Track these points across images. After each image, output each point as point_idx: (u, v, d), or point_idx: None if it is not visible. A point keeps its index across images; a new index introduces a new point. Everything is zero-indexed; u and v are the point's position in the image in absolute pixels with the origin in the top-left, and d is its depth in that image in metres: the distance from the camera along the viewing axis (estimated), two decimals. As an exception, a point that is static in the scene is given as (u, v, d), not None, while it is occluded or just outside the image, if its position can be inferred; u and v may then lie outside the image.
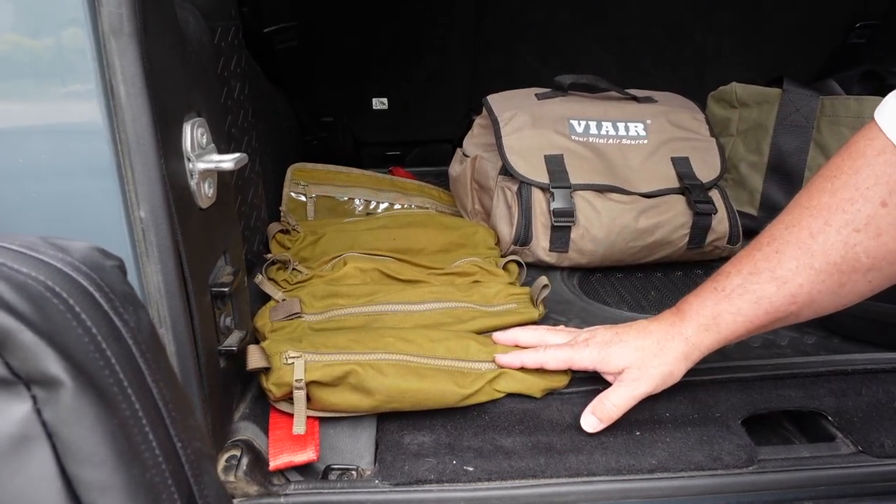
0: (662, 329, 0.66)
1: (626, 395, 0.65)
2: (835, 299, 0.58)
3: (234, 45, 0.87)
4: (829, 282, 0.56)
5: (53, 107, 0.50)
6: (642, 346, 0.66)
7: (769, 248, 0.59)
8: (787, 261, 0.57)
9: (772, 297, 0.58)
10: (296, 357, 0.66)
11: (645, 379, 0.65)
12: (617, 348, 0.67)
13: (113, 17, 0.47)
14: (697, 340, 0.64)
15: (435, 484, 0.62)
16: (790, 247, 0.57)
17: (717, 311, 0.62)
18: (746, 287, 0.60)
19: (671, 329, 0.65)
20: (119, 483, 0.30)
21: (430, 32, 1.50)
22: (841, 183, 0.55)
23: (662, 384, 0.66)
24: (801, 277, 0.57)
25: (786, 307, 0.58)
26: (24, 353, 0.28)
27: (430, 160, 1.63)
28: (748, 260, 0.61)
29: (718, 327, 0.62)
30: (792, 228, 0.58)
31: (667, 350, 0.64)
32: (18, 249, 0.31)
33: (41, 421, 0.29)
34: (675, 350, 0.64)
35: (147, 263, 0.53)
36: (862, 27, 1.53)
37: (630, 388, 0.66)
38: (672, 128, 1.11)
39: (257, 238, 0.97)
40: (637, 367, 0.65)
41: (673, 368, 0.65)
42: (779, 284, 0.58)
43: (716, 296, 0.62)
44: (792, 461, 0.66)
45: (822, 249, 0.55)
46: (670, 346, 0.64)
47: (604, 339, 0.69)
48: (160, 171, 0.51)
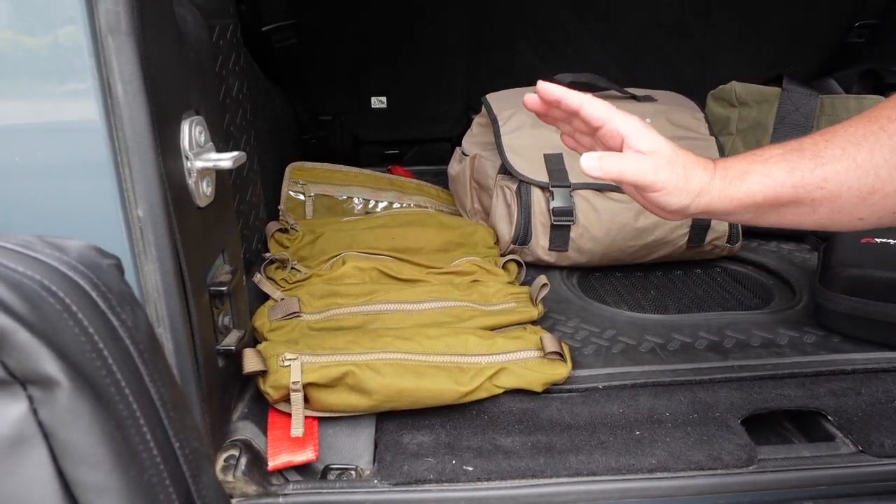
0: (696, 160, 0.63)
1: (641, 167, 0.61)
2: (857, 206, 0.58)
3: (233, 43, 0.86)
4: (864, 180, 0.57)
5: (51, 105, 0.50)
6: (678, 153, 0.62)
7: (820, 136, 0.60)
8: (833, 147, 0.58)
9: (805, 171, 0.58)
10: (292, 359, 0.66)
11: (664, 172, 0.61)
12: (657, 136, 0.64)
13: (110, 15, 0.47)
14: (716, 185, 0.61)
15: (434, 484, 0.62)
16: (840, 138, 0.58)
17: (748, 168, 0.61)
18: (785, 157, 0.60)
19: (704, 164, 0.63)
20: (116, 484, 0.30)
21: (429, 31, 1.50)
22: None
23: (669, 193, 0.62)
24: (840, 164, 0.57)
25: (813, 187, 0.58)
26: (20, 352, 0.28)
27: (429, 159, 1.62)
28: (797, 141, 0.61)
29: (742, 182, 0.60)
30: (847, 127, 0.58)
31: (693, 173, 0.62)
32: (15, 248, 0.30)
33: (37, 421, 0.28)
34: (699, 178, 0.62)
35: (145, 262, 0.52)
36: (861, 26, 1.53)
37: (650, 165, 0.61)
38: (672, 126, 1.11)
39: (256, 237, 0.96)
40: (667, 160, 0.62)
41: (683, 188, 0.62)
42: (817, 163, 0.58)
43: (752, 157, 0.61)
44: (792, 461, 0.66)
45: (870, 147, 0.56)
46: (697, 172, 0.62)
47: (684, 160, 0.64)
48: (158, 170, 0.50)
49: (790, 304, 0.95)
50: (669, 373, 0.77)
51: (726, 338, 0.85)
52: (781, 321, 0.90)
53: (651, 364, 0.79)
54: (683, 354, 0.81)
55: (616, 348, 0.83)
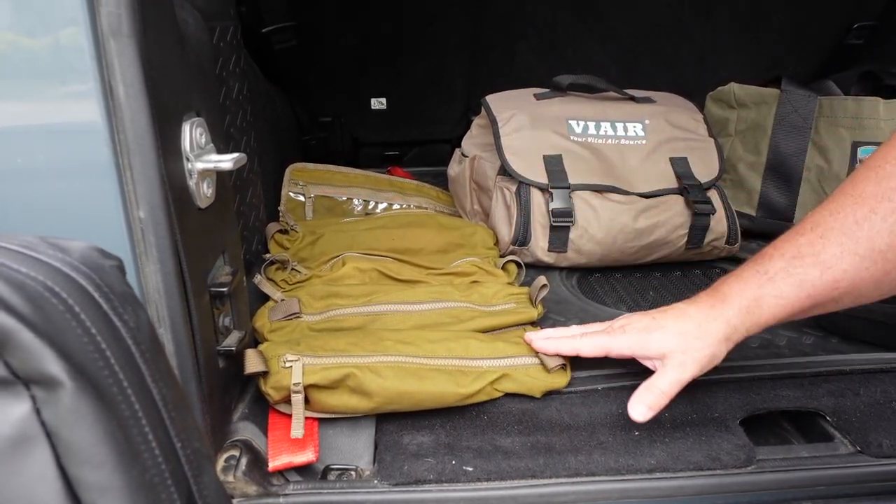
0: (703, 312, 0.64)
1: (673, 380, 0.64)
2: (877, 287, 0.58)
3: (233, 44, 0.87)
4: (873, 269, 0.56)
5: (52, 107, 0.50)
6: (684, 331, 0.64)
7: (812, 233, 0.59)
8: (832, 246, 0.57)
9: (815, 281, 0.58)
10: (293, 360, 0.66)
11: (690, 363, 0.63)
12: (657, 334, 0.65)
13: (112, 17, 0.47)
14: (738, 323, 0.62)
15: (434, 484, 0.62)
16: (834, 233, 0.57)
17: (760, 294, 0.61)
18: (790, 271, 0.60)
19: (712, 311, 0.64)
20: (119, 484, 0.30)
21: (429, 32, 1.50)
22: (885, 172, 0.55)
23: (707, 366, 0.64)
24: (845, 263, 0.57)
25: (828, 292, 0.58)
26: (23, 353, 0.28)
27: (429, 160, 1.62)
28: (791, 244, 0.61)
29: (760, 310, 0.61)
30: (836, 215, 0.58)
31: (709, 333, 0.63)
32: (17, 249, 0.31)
33: (40, 421, 0.29)
34: (717, 332, 0.63)
35: (146, 263, 0.52)
36: (859, 28, 1.54)
37: (677, 372, 0.64)
38: (671, 128, 1.11)
39: (256, 238, 0.97)
40: (681, 351, 0.64)
41: (715, 350, 0.63)
42: (822, 269, 0.58)
43: (759, 279, 0.62)
44: (790, 461, 0.66)
45: (868, 236, 0.55)
46: (712, 328, 0.63)
47: (642, 325, 0.67)
48: (159, 171, 0.51)
49: (789, 305, 0.95)
50: (668, 373, 0.77)
51: (725, 338, 0.85)
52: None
53: (650, 365, 0.79)
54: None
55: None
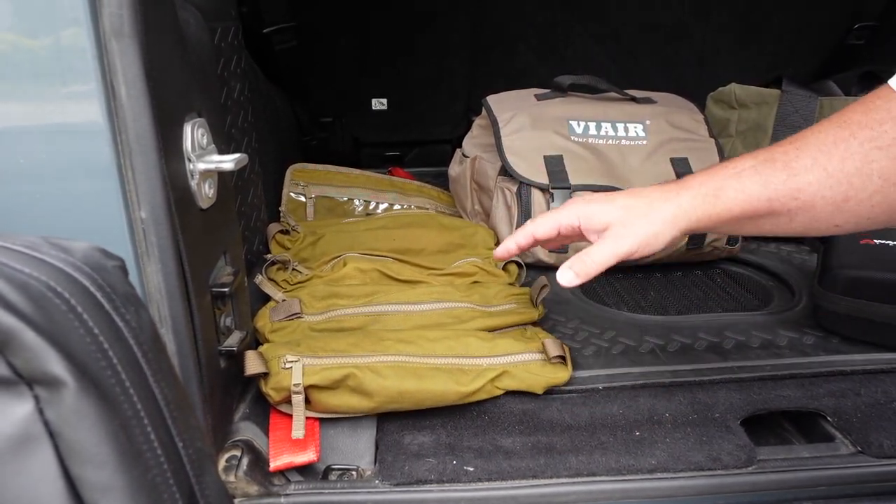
0: (657, 193, 0.64)
1: (607, 251, 0.63)
2: (834, 213, 0.58)
3: (234, 45, 0.87)
4: (836, 189, 0.56)
5: (54, 107, 0.50)
6: (630, 205, 0.64)
7: (790, 145, 0.60)
8: (804, 158, 0.58)
9: (778, 184, 0.59)
10: (294, 361, 0.66)
11: (628, 236, 0.63)
12: (603, 204, 0.65)
13: (114, 17, 0.47)
14: (690, 207, 0.62)
15: (435, 484, 0.62)
16: (811, 147, 0.58)
17: (722, 185, 0.61)
18: (758, 169, 0.60)
19: (666, 194, 0.63)
20: (121, 483, 0.30)
21: (430, 33, 1.50)
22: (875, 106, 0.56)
23: (646, 244, 0.63)
24: (811, 175, 0.57)
25: (787, 199, 0.59)
26: (26, 353, 0.28)
27: (430, 160, 1.63)
28: (767, 151, 0.61)
29: (717, 199, 0.61)
30: (818, 134, 0.58)
31: (655, 210, 0.63)
32: (20, 249, 0.31)
33: (43, 421, 0.29)
34: (664, 212, 0.62)
35: (148, 263, 0.53)
36: (860, 28, 1.54)
37: (612, 244, 0.63)
38: (671, 128, 1.11)
39: (257, 238, 0.97)
40: (621, 223, 0.63)
41: (658, 230, 0.62)
42: (789, 174, 0.58)
43: (725, 172, 0.62)
44: (791, 461, 0.66)
45: (841, 156, 0.56)
46: (660, 207, 0.63)
47: (592, 197, 0.68)
48: (161, 172, 0.51)
49: (789, 306, 0.95)
50: (669, 374, 0.77)
51: (726, 339, 0.85)
52: (781, 322, 0.90)
53: (651, 365, 0.79)
54: (683, 355, 0.82)
55: (616, 349, 0.83)
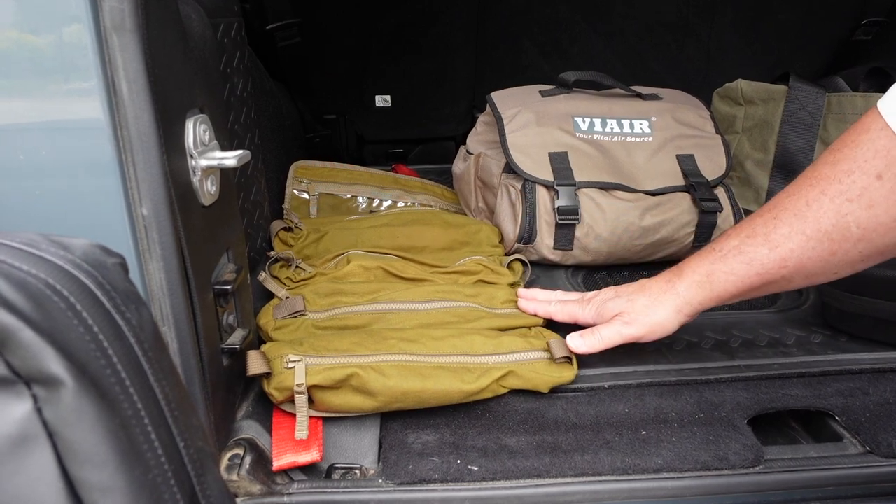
0: (658, 285, 0.72)
1: (615, 330, 0.72)
2: (826, 267, 0.60)
3: (237, 41, 0.86)
4: (819, 248, 0.58)
5: (55, 104, 0.49)
6: (635, 299, 0.72)
7: (769, 214, 0.63)
8: (782, 226, 0.61)
9: (763, 259, 0.62)
10: (296, 361, 0.66)
11: (636, 323, 0.71)
12: (613, 302, 0.74)
13: (115, 12, 0.47)
14: (689, 296, 0.68)
15: (439, 483, 0.62)
16: (787, 213, 0.61)
17: (712, 270, 0.66)
18: (741, 249, 0.64)
19: (666, 285, 0.70)
20: (121, 484, 0.29)
21: (433, 29, 1.50)
22: (842, 155, 0.57)
23: (651, 332, 0.71)
24: (792, 242, 0.60)
25: (776, 270, 0.62)
26: (24, 351, 0.27)
27: (434, 157, 1.62)
28: (748, 225, 0.65)
29: (711, 284, 0.66)
30: (791, 197, 0.61)
31: (660, 302, 0.70)
32: (19, 247, 0.30)
33: (42, 421, 0.28)
34: (668, 303, 0.69)
35: (149, 261, 0.52)
36: (868, 24, 1.52)
37: (619, 326, 0.72)
38: (677, 125, 1.11)
39: (260, 235, 0.96)
40: (628, 313, 0.72)
41: (663, 319, 0.70)
42: (771, 247, 0.61)
43: (712, 256, 0.67)
44: (799, 461, 0.66)
45: (815, 216, 0.58)
46: (663, 299, 0.70)
47: (605, 296, 0.76)
48: (163, 168, 0.50)
49: (797, 304, 0.95)
50: (675, 372, 0.76)
51: (732, 337, 0.85)
52: (788, 321, 0.89)
53: (657, 363, 0.78)
54: (689, 354, 0.81)
55: (621, 348, 0.82)
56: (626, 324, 0.72)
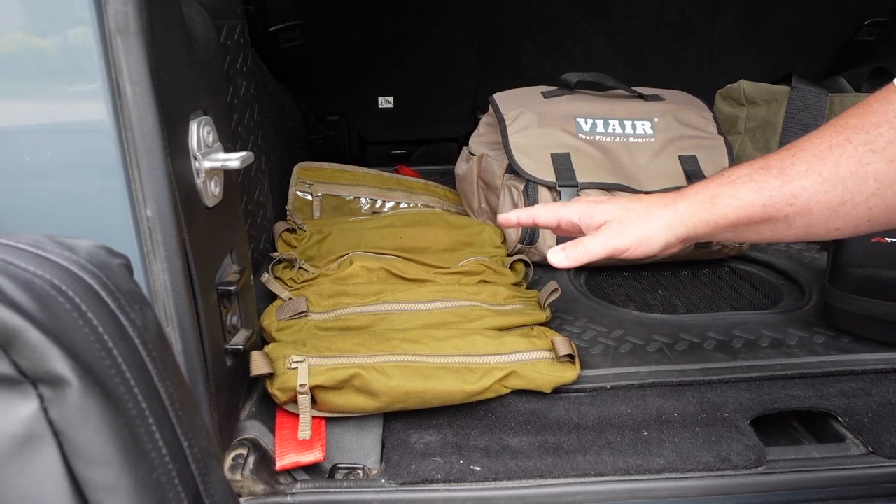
0: (656, 200, 0.67)
1: (600, 242, 0.66)
2: (831, 217, 0.58)
3: (240, 43, 0.87)
4: (832, 194, 0.57)
5: (60, 106, 0.50)
6: (629, 207, 0.67)
7: (786, 152, 0.60)
8: (800, 163, 0.59)
9: (773, 190, 0.59)
10: (299, 362, 0.66)
11: (623, 234, 0.66)
12: (604, 205, 0.68)
13: (119, 15, 0.47)
14: (687, 213, 0.64)
15: (442, 483, 0.62)
16: (806, 153, 0.59)
17: (717, 192, 0.63)
18: (752, 177, 0.61)
19: (664, 200, 0.66)
20: (126, 483, 0.30)
21: (436, 31, 1.50)
22: (871, 109, 0.56)
23: (639, 245, 0.66)
24: (806, 180, 0.58)
25: (783, 205, 0.59)
26: (30, 352, 0.28)
27: (436, 159, 1.62)
28: (764, 159, 0.62)
29: (713, 206, 0.63)
30: (813, 140, 0.59)
31: (653, 216, 0.65)
32: (25, 248, 0.31)
33: (48, 420, 0.28)
34: (661, 217, 0.65)
35: (153, 262, 0.52)
36: (871, 24, 1.52)
37: (606, 236, 0.66)
38: (679, 126, 1.11)
39: (263, 237, 0.97)
40: (617, 221, 0.66)
41: (653, 232, 0.65)
42: (784, 180, 0.59)
43: (721, 180, 0.64)
44: (801, 462, 0.66)
45: (835, 160, 0.56)
46: (657, 213, 0.65)
47: (596, 198, 0.71)
48: (167, 170, 0.51)
49: (799, 304, 0.95)
50: (677, 373, 0.76)
51: (735, 338, 0.85)
52: (791, 321, 0.89)
53: (659, 364, 0.78)
54: (692, 354, 0.81)
55: (624, 348, 0.82)
56: (614, 234, 0.66)
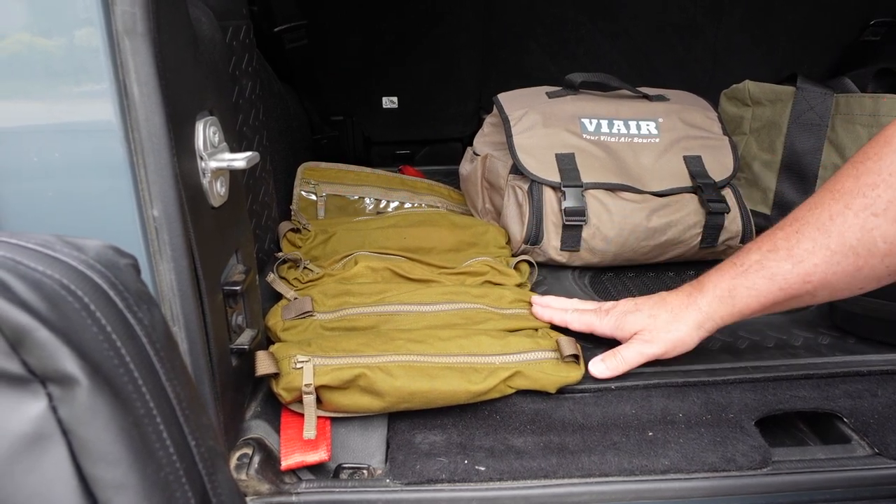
0: (679, 300, 0.70)
1: (635, 350, 0.71)
2: (852, 282, 0.59)
3: (246, 43, 0.87)
4: (845, 263, 0.57)
5: (67, 106, 0.50)
6: (657, 314, 0.71)
7: (790, 228, 0.61)
8: (805, 241, 0.59)
9: (786, 274, 0.60)
10: (304, 361, 0.66)
11: (656, 341, 0.70)
12: (633, 316, 0.73)
13: (126, 16, 0.47)
14: (711, 311, 0.67)
15: (446, 483, 0.62)
16: (809, 228, 0.59)
17: (733, 285, 0.65)
18: (763, 264, 0.62)
19: (687, 300, 0.69)
20: (134, 481, 0.30)
21: (440, 31, 1.50)
22: (865, 168, 0.56)
23: (673, 349, 0.70)
24: (816, 258, 0.58)
25: (800, 285, 0.60)
26: (40, 350, 0.28)
27: (440, 159, 1.62)
28: (769, 239, 0.63)
29: (733, 300, 0.65)
30: (814, 210, 0.59)
31: (681, 318, 0.69)
32: (34, 248, 0.31)
33: (57, 419, 0.29)
34: (689, 319, 0.68)
35: (160, 262, 0.53)
36: (876, 24, 1.52)
37: (640, 345, 0.71)
38: (684, 126, 1.10)
39: (268, 237, 0.97)
40: (649, 330, 0.71)
41: (684, 335, 0.69)
42: (794, 262, 0.60)
43: (734, 270, 0.66)
44: (807, 463, 0.65)
45: (840, 231, 0.57)
46: (684, 314, 0.69)
47: (624, 308, 0.75)
48: (173, 170, 0.51)
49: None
50: (682, 373, 0.76)
51: (740, 338, 0.85)
52: (796, 322, 0.89)
53: (664, 364, 0.78)
54: (696, 355, 0.81)
55: (628, 349, 0.82)
56: (647, 342, 0.71)
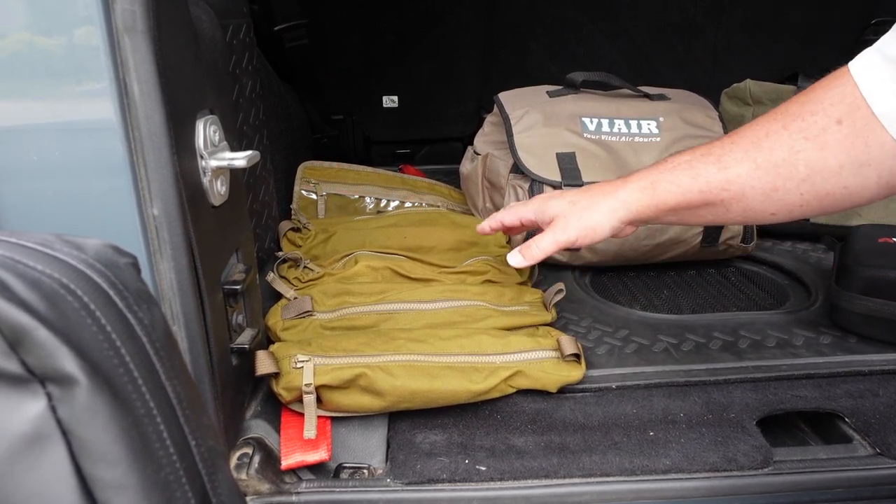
0: (602, 188, 0.71)
1: (549, 239, 0.72)
2: (765, 202, 0.61)
3: (246, 42, 0.87)
4: (764, 179, 0.59)
5: (67, 105, 0.50)
6: (576, 200, 0.72)
7: (728, 139, 0.64)
8: (736, 151, 0.62)
9: (709, 177, 0.62)
10: (305, 361, 0.66)
11: (571, 227, 0.70)
12: (555, 201, 0.74)
13: (126, 14, 0.47)
14: (629, 199, 0.68)
15: (447, 483, 0.62)
16: (745, 140, 0.62)
17: (658, 178, 0.67)
18: (692, 164, 0.64)
19: (609, 188, 0.70)
20: (133, 481, 0.30)
21: (441, 30, 1.50)
22: (813, 96, 0.59)
23: (585, 235, 0.70)
24: (741, 167, 0.61)
25: (718, 191, 0.62)
26: (39, 350, 0.28)
27: (441, 158, 1.62)
28: (707, 146, 0.65)
29: (654, 191, 0.66)
30: (755, 127, 0.62)
31: (597, 205, 0.69)
32: (33, 247, 0.31)
33: (56, 419, 0.28)
34: (604, 206, 0.69)
35: (160, 261, 0.52)
36: (877, 24, 1.52)
37: (554, 233, 0.72)
38: (685, 125, 1.10)
39: (269, 236, 0.97)
40: (565, 216, 0.71)
41: (596, 223, 0.69)
42: (720, 168, 0.62)
43: (663, 166, 0.67)
44: (808, 463, 0.65)
45: (770, 147, 0.59)
46: (601, 201, 0.69)
47: (549, 194, 0.77)
48: (173, 169, 0.51)
49: (806, 305, 0.94)
50: (683, 373, 0.76)
51: (741, 338, 0.85)
52: (797, 322, 0.89)
53: (665, 364, 0.78)
54: (697, 355, 0.81)
55: (629, 348, 0.82)
56: (562, 229, 0.71)
